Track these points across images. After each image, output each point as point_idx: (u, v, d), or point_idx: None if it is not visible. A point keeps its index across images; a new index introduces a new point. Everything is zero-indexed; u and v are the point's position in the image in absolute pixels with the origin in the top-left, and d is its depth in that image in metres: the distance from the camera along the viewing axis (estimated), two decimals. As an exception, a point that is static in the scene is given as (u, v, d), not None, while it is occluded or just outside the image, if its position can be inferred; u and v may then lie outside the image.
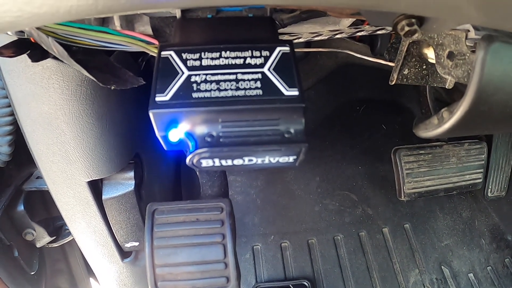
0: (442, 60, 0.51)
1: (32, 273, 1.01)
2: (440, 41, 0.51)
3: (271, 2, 0.27)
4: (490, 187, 1.45)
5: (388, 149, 1.32)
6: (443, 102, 1.27)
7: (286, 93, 0.37)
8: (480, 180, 1.39)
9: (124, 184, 0.74)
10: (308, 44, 1.11)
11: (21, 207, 0.95)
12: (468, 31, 0.47)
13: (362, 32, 0.64)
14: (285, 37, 0.63)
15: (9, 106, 0.78)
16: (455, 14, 0.32)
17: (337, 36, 0.64)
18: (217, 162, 0.37)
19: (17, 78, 0.60)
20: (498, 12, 0.32)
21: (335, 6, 0.30)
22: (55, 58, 0.53)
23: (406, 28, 0.40)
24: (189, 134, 0.36)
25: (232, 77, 0.38)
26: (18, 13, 0.26)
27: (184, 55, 0.39)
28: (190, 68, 0.38)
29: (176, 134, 0.36)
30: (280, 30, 0.58)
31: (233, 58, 0.39)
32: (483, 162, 1.38)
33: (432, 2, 0.30)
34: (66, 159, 0.68)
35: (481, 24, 0.39)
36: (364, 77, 1.52)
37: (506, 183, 1.46)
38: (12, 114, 0.79)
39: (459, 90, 0.80)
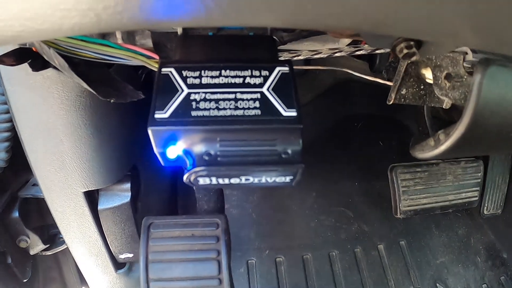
0: (439, 82, 0.52)
1: (25, 280, 1.00)
2: (438, 63, 0.51)
3: (270, 23, 0.27)
4: (486, 205, 1.45)
5: (385, 166, 1.32)
6: (441, 120, 1.28)
7: (284, 113, 0.37)
8: (476, 198, 1.39)
9: (120, 195, 0.74)
10: (307, 61, 1.12)
11: (16, 214, 0.94)
12: (466, 53, 0.48)
13: (361, 51, 0.65)
14: (285, 54, 0.63)
15: (8, 112, 0.78)
16: (452, 38, 0.33)
17: (336, 54, 0.64)
18: (214, 180, 0.37)
19: (17, 86, 0.60)
20: (493, 36, 0.32)
21: (334, 28, 0.30)
22: (55, 68, 0.53)
23: (405, 51, 0.40)
24: (187, 152, 0.36)
25: (231, 96, 0.38)
26: (20, 28, 0.26)
27: (184, 73, 0.39)
28: (190, 86, 0.38)
29: (174, 151, 0.36)
30: (280, 47, 0.59)
31: (232, 77, 0.39)
32: (479, 180, 1.38)
33: (429, 27, 0.30)
34: (63, 168, 0.67)
35: (478, 47, 0.39)
36: (362, 94, 1.52)
37: (502, 201, 1.46)
38: (10, 120, 0.79)
39: (457, 108, 0.80)
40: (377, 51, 0.69)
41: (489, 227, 1.49)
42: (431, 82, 0.56)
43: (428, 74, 0.61)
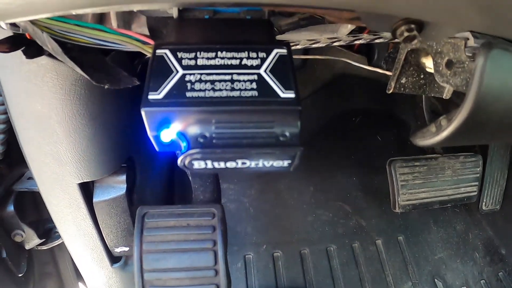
0: (440, 69, 0.51)
1: (20, 275, 1.00)
2: (439, 49, 0.51)
3: (264, 1, 0.26)
4: (484, 200, 1.45)
5: (383, 161, 1.32)
6: (439, 115, 1.28)
7: (282, 95, 0.37)
8: (475, 193, 1.39)
9: (115, 187, 0.73)
10: (305, 52, 1.12)
11: (11, 208, 0.94)
12: (467, 39, 0.47)
13: (360, 41, 0.64)
14: (283, 43, 0.62)
15: (2, 104, 0.77)
16: (455, 18, 0.32)
17: (335, 44, 0.64)
18: (209, 164, 0.36)
19: (11, 74, 0.59)
20: (499, 17, 0.32)
21: (332, 6, 0.29)
22: (50, 55, 0.52)
23: (405, 34, 0.39)
24: (182, 134, 0.35)
25: (228, 77, 0.37)
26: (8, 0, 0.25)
27: (179, 54, 0.38)
28: (185, 67, 0.37)
29: (168, 134, 0.36)
30: (278, 37, 0.58)
31: (229, 58, 0.38)
32: (478, 175, 1.38)
33: (433, 5, 0.29)
34: (57, 160, 0.67)
35: (482, 30, 0.38)
36: (360, 88, 1.52)
37: (501, 196, 1.46)
38: (5, 112, 0.79)
39: (455, 102, 0.80)
40: (376, 41, 0.68)
41: (487, 223, 1.49)
42: (431, 71, 0.56)
43: (428, 63, 0.60)
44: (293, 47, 0.64)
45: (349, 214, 1.44)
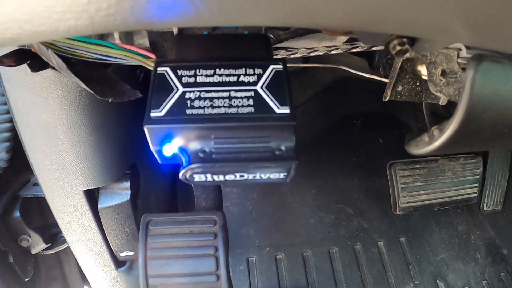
0: (434, 78, 0.52)
1: (27, 279, 1.01)
2: (433, 59, 0.52)
3: (258, 22, 0.27)
4: (485, 201, 1.45)
5: (385, 163, 1.32)
6: (439, 116, 1.28)
7: (277, 111, 0.38)
8: (476, 195, 1.39)
9: (120, 194, 0.74)
10: (305, 59, 1.12)
11: (17, 213, 0.95)
12: (460, 49, 0.48)
13: (358, 49, 0.65)
14: (282, 52, 0.63)
15: (8, 112, 0.78)
16: (443, 34, 0.33)
17: (333, 52, 0.65)
18: (209, 177, 0.38)
19: (17, 86, 0.60)
20: (484, 32, 0.33)
21: (324, 27, 0.31)
22: (54, 68, 0.53)
23: (398, 48, 0.40)
24: (183, 149, 0.37)
25: (225, 94, 0.38)
26: (18, 30, 0.26)
27: (179, 72, 0.39)
28: (184, 85, 0.39)
29: (170, 149, 0.37)
30: (277, 45, 0.59)
31: (226, 75, 0.40)
32: (478, 176, 1.38)
33: (419, 23, 0.30)
34: (63, 167, 0.68)
35: (470, 44, 0.39)
36: (361, 91, 1.52)
37: (502, 197, 1.46)
38: (10, 120, 0.79)
39: (456, 104, 0.80)
40: (374, 48, 0.69)
41: (489, 223, 1.49)
42: (427, 78, 0.57)
43: (424, 70, 0.61)
44: (291, 56, 0.65)
45: (351, 216, 1.44)
